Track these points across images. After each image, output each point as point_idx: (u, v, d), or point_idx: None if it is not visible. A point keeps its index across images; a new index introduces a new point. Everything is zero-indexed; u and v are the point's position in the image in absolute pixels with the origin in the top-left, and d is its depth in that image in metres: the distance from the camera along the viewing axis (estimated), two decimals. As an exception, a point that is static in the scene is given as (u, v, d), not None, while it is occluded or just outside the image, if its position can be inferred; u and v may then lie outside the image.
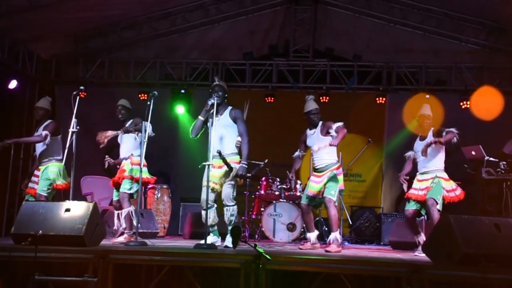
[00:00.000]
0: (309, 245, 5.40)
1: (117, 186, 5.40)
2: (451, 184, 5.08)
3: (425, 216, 5.30)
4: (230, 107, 5.25)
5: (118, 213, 5.40)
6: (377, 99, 8.13)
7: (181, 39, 8.46)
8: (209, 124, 4.98)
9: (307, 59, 8.26)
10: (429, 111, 5.26)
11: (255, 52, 8.49)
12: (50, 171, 5.38)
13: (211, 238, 5.14)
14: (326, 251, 5.10)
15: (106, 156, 5.54)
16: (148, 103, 5.06)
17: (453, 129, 5.02)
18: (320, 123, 5.43)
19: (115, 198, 5.48)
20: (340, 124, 5.31)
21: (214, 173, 5.08)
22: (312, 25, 8.29)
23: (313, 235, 5.45)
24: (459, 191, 5.05)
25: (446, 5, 7.74)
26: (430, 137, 5.15)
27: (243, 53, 8.44)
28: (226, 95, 5.28)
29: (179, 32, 8.39)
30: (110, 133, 5.22)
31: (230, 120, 5.19)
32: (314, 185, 5.37)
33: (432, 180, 5.06)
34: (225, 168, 5.08)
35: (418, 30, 8.08)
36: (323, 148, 5.31)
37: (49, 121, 5.57)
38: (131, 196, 5.33)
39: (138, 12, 7.93)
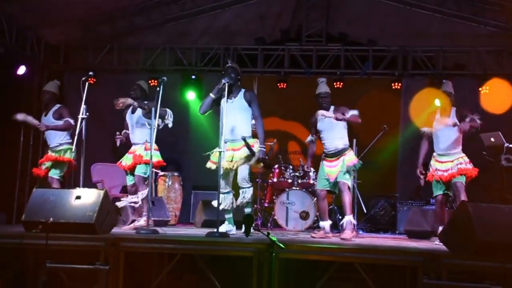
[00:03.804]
0: (322, 233, 5.32)
1: (132, 171, 5.42)
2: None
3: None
4: (243, 90, 5.19)
5: (135, 195, 5.42)
6: (393, 84, 7.94)
7: (191, 24, 8.32)
8: (221, 108, 4.89)
9: (320, 44, 8.08)
10: (451, 88, 5.21)
11: (267, 37, 8.32)
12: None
13: (226, 226, 5.09)
14: (342, 238, 5.07)
15: (117, 133, 5.51)
16: (158, 89, 5.01)
17: (476, 118, 4.97)
18: (333, 107, 5.32)
19: (130, 183, 5.48)
20: (355, 112, 5.19)
21: (229, 154, 5.02)
22: (325, 9, 8.09)
23: (326, 224, 5.37)
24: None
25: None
26: (453, 117, 5.14)
27: (254, 38, 8.29)
28: (239, 77, 5.21)
29: (189, 17, 8.24)
30: (130, 101, 5.32)
31: (244, 103, 5.12)
32: (329, 169, 5.28)
33: (457, 161, 5.07)
34: (243, 150, 5.00)
35: (435, 13, 7.83)
36: (335, 133, 5.24)
37: (58, 106, 5.60)
38: (145, 179, 5.35)
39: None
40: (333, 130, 5.27)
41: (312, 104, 5.55)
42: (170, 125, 5.35)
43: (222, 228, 4.96)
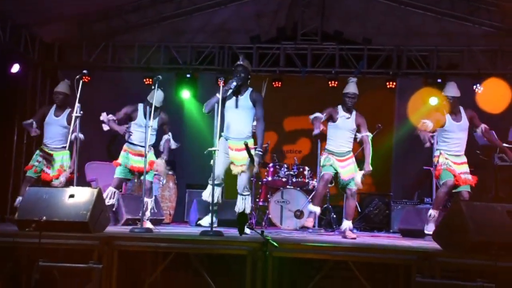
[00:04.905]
0: (311, 220, 5.43)
1: (137, 171, 5.37)
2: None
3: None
4: (250, 89, 5.10)
5: (115, 192, 5.39)
6: (387, 83, 7.97)
7: (186, 22, 8.31)
8: (215, 108, 4.83)
9: (315, 43, 8.08)
10: (453, 91, 5.30)
11: (263, 35, 8.32)
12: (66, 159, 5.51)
13: (209, 218, 5.02)
14: (352, 238, 5.15)
15: (126, 127, 5.40)
16: (153, 87, 4.99)
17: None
18: (356, 112, 5.40)
19: (121, 176, 5.43)
20: (369, 134, 5.40)
21: (235, 155, 4.99)
22: (320, 7, 8.10)
23: (318, 210, 5.42)
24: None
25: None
26: (465, 119, 5.29)
27: (250, 36, 8.28)
28: (249, 76, 5.14)
29: (185, 15, 8.23)
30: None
31: (250, 103, 5.05)
32: (341, 169, 5.35)
33: (466, 168, 5.26)
34: (245, 152, 4.98)
35: (430, 12, 7.87)
36: (349, 135, 5.37)
37: (70, 109, 5.55)
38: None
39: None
40: (347, 132, 5.39)
41: (307, 103, 5.55)
42: (173, 147, 5.51)
43: (206, 220, 4.96)
